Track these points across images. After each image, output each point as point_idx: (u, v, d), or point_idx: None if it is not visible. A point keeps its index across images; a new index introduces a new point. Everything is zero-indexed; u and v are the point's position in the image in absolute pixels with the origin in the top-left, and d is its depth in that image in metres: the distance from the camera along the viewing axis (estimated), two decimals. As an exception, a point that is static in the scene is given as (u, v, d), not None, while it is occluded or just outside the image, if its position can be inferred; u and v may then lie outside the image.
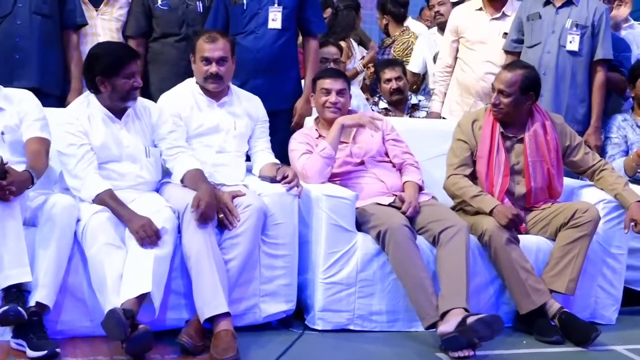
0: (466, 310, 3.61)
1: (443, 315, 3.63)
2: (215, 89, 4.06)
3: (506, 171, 4.14)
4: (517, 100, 4.14)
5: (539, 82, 4.25)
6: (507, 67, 4.34)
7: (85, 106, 3.77)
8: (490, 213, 3.97)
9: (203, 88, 4.08)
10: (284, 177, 3.87)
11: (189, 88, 4.12)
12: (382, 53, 6.20)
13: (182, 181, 3.81)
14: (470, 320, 3.50)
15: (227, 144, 4.07)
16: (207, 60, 4.01)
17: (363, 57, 6.08)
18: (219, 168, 4.01)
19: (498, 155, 4.15)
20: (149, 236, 3.46)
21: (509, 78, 4.14)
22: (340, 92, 4.26)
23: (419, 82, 6.13)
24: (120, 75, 3.66)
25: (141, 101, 3.88)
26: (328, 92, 4.26)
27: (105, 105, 3.76)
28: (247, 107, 4.17)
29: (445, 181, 4.25)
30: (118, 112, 3.78)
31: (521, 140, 4.20)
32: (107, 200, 3.58)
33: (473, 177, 4.20)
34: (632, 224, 4.08)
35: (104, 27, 4.79)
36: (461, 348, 3.52)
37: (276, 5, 4.59)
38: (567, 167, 4.34)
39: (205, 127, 4.04)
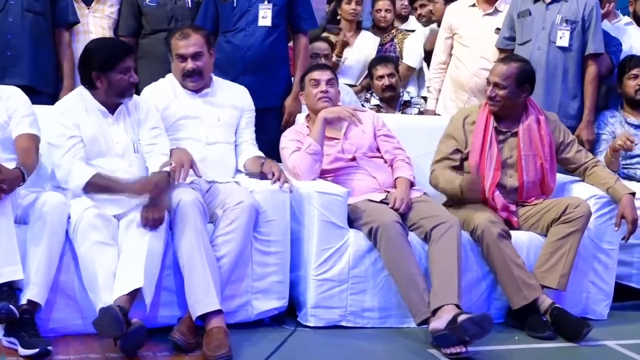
0: (457, 306, 3.61)
1: (435, 311, 3.63)
2: (194, 87, 4.06)
3: (497, 165, 4.15)
4: (512, 93, 4.16)
5: (534, 75, 4.27)
6: (502, 60, 4.36)
7: (79, 99, 3.75)
8: (462, 191, 4.05)
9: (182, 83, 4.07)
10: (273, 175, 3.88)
11: (170, 81, 4.12)
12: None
13: None
14: (460, 318, 3.50)
15: (214, 135, 4.05)
16: (183, 57, 4.01)
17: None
18: (209, 163, 3.97)
19: (490, 149, 4.17)
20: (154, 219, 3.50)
21: (505, 71, 4.16)
22: (329, 82, 4.27)
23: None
24: (116, 70, 3.66)
25: (133, 97, 3.87)
26: (317, 82, 4.26)
27: (99, 101, 3.74)
28: (230, 97, 4.15)
29: (430, 176, 4.29)
30: (111, 108, 3.77)
31: (515, 134, 4.21)
32: (98, 180, 3.56)
33: (462, 171, 4.22)
34: (627, 225, 4.10)
35: (95, 24, 4.81)
36: (452, 345, 3.52)
37: (266, 2, 4.58)
38: (559, 165, 4.35)
39: (186, 116, 4.01)
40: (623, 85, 5.03)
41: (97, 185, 3.57)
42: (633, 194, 4.15)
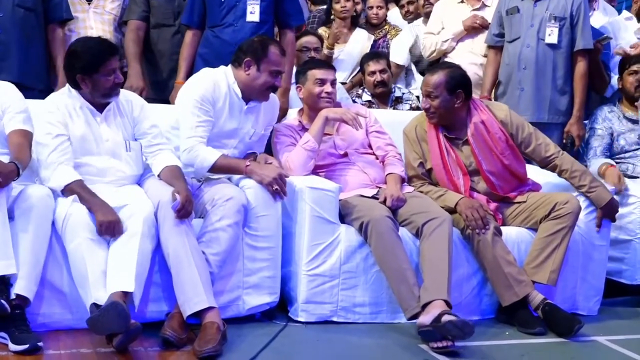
0: (447, 302, 3.62)
1: (425, 306, 3.64)
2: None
3: (464, 170, 4.15)
4: (445, 101, 4.10)
5: (466, 80, 4.20)
6: (430, 70, 4.28)
7: (67, 97, 3.74)
8: (456, 207, 3.99)
9: (243, 91, 4.00)
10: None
11: (226, 82, 4.01)
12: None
13: (159, 176, 3.76)
14: (444, 319, 3.49)
15: (238, 149, 4.06)
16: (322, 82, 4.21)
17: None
18: None
19: (449, 157, 4.15)
20: (109, 235, 3.44)
21: (434, 80, 4.11)
22: (333, 83, 4.29)
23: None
24: (100, 72, 3.63)
25: (124, 94, 3.86)
26: (323, 82, 4.27)
27: (87, 100, 3.73)
28: (267, 114, 4.16)
29: None
30: (99, 106, 3.75)
31: (467, 142, 4.18)
32: (77, 189, 3.51)
33: (434, 181, 4.23)
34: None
35: (96, 20, 4.82)
36: (436, 340, 3.53)
37: None
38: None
39: (225, 130, 3.99)
40: (623, 80, 5.01)
41: (73, 192, 3.51)
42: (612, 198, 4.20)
